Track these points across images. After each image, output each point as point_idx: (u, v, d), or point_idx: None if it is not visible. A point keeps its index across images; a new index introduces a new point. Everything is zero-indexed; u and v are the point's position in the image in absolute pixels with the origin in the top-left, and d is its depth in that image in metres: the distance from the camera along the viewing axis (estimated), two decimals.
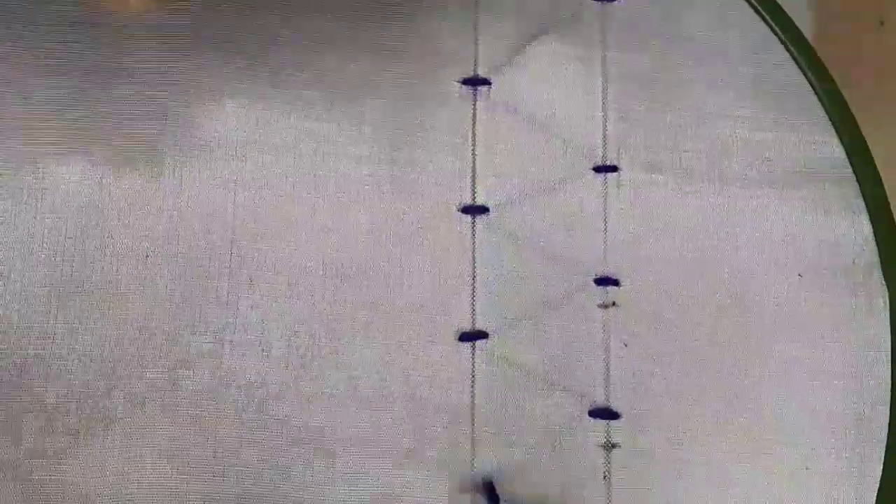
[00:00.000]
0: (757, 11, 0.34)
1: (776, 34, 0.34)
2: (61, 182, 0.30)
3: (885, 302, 0.33)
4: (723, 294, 0.33)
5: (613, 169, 0.33)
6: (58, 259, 0.30)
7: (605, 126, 0.33)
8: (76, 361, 0.30)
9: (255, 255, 0.31)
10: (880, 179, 0.34)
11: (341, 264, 0.31)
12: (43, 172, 0.30)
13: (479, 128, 0.33)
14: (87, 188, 0.30)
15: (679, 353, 0.33)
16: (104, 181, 0.31)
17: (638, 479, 0.31)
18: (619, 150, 0.33)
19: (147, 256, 0.30)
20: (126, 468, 0.29)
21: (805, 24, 0.37)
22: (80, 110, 0.31)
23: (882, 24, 0.39)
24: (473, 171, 0.32)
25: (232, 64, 0.31)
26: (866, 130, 0.35)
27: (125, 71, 0.31)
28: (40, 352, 0.30)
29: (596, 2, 0.34)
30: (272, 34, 0.32)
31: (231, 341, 0.30)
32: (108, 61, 0.31)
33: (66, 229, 0.30)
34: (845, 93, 0.35)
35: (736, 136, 0.34)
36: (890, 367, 0.33)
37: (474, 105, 0.33)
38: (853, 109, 0.35)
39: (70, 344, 0.30)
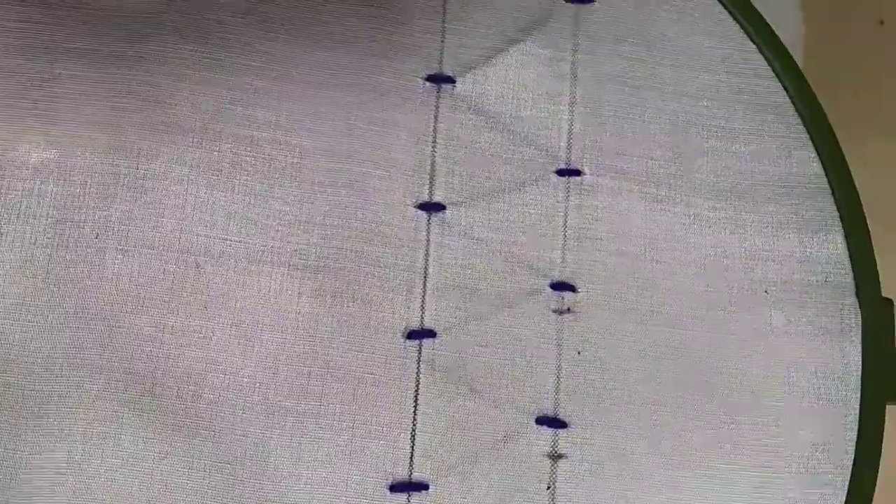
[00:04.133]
0: (734, 17, 0.33)
1: (752, 41, 0.33)
2: (23, 177, 0.30)
3: (857, 323, 0.32)
4: (685, 307, 0.32)
5: (577, 173, 0.32)
6: (25, 257, 0.30)
7: (570, 129, 0.33)
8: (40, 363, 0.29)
9: (206, 244, 0.31)
10: (857, 196, 0.33)
11: (293, 256, 0.31)
12: (4, 167, 0.30)
13: (440, 125, 0.32)
14: (50, 180, 0.30)
15: (635, 366, 0.31)
16: (64, 169, 0.30)
17: (584, 492, 0.30)
18: (584, 154, 0.33)
19: (105, 252, 0.30)
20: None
21: (802, 24, 0.36)
22: (40, 93, 0.31)
23: (882, 23, 0.38)
24: (432, 168, 0.32)
25: (192, 50, 0.31)
26: (864, 132, 0.34)
27: (85, 57, 0.31)
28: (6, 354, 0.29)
29: (569, 3, 0.33)
30: (233, 20, 0.32)
31: (172, 327, 0.30)
32: (68, 47, 0.31)
33: (35, 228, 0.30)
34: (843, 94, 0.34)
35: (708, 146, 0.33)
36: (859, 391, 0.32)
37: (437, 103, 0.32)
38: (850, 111, 0.33)
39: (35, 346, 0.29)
